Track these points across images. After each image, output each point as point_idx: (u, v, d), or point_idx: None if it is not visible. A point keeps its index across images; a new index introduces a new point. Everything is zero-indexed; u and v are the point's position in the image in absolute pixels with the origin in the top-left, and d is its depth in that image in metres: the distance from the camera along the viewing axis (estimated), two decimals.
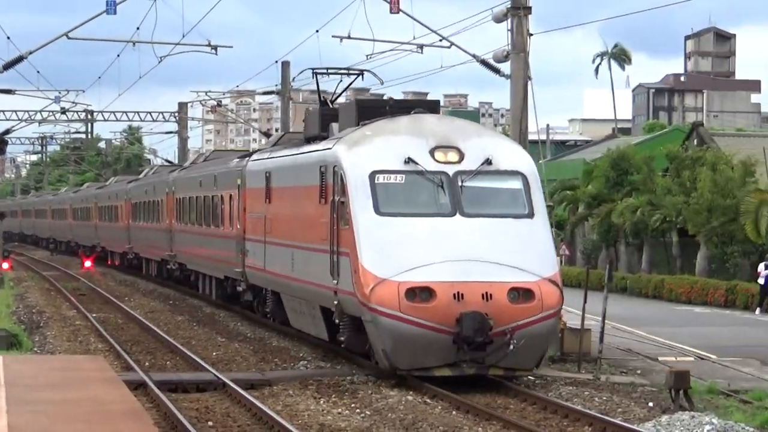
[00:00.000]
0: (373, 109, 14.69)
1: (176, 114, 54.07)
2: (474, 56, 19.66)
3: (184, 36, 29.76)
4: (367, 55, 27.31)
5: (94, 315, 26.36)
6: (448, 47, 21.89)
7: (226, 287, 25.57)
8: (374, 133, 13.19)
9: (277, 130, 46.70)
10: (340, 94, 19.26)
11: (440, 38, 21.80)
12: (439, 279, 11.41)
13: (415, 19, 21.50)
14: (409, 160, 12.25)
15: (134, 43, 29.11)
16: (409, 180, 12.45)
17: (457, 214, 12.05)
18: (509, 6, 17.62)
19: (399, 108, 14.38)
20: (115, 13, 23.71)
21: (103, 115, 55.56)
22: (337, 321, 13.29)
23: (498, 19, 17.30)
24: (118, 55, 35.05)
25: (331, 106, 18.24)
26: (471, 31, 23.95)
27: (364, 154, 12.64)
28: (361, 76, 19.05)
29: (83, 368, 13.86)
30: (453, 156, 12.54)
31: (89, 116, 57.37)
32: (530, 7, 17.85)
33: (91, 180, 72.80)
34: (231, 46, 34.45)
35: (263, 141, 54.65)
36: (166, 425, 11.13)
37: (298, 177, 16.09)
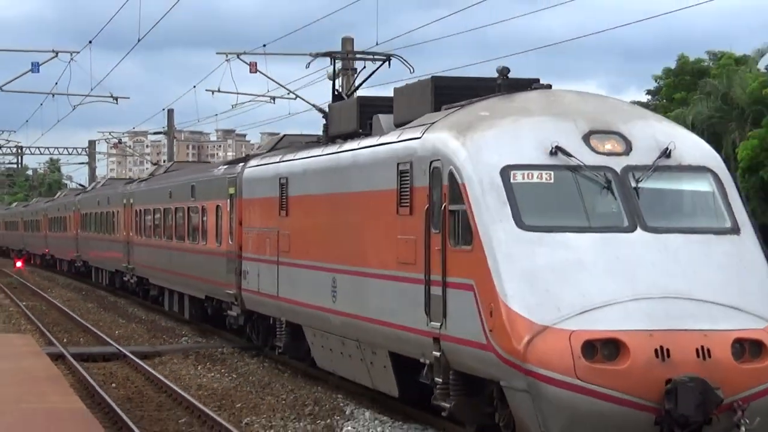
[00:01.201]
0: (462, 90, 10.65)
1: (87, 149, 71.48)
2: (314, 106, 23.28)
3: (92, 89, 39.09)
4: (232, 105, 37.43)
5: (24, 303, 33.04)
6: (294, 99, 29.59)
7: (208, 308, 21.90)
8: (495, 114, 9.18)
9: (164, 161, 56.71)
10: (360, 84, 17.55)
11: (288, 92, 29.21)
12: (630, 326, 7.38)
13: (268, 77, 28.57)
14: (556, 150, 8.34)
15: (53, 95, 40.36)
16: (560, 178, 8.45)
17: (638, 229, 8.15)
18: (340, 68, 23.36)
19: (507, 88, 10.09)
20: (38, 71, 31.02)
21: (30, 150, 73.77)
22: (438, 379, 9.17)
23: (331, 77, 21.50)
24: (41, 104, 46.43)
25: (346, 98, 15.77)
26: (313, 85, 35.09)
27: (488, 143, 8.62)
28: (387, 62, 17.16)
29: (14, 344, 18.33)
30: (617, 145, 8.67)
31: (19, 150, 73.75)
32: (356, 69, 23.01)
33: (20, 200, 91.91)
34: (128, 97, 44.49)
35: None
36: (80, 387, 14.82)
37: (346, 181, 12.30)
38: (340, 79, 23.24)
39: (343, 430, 11.90)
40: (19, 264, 56.96)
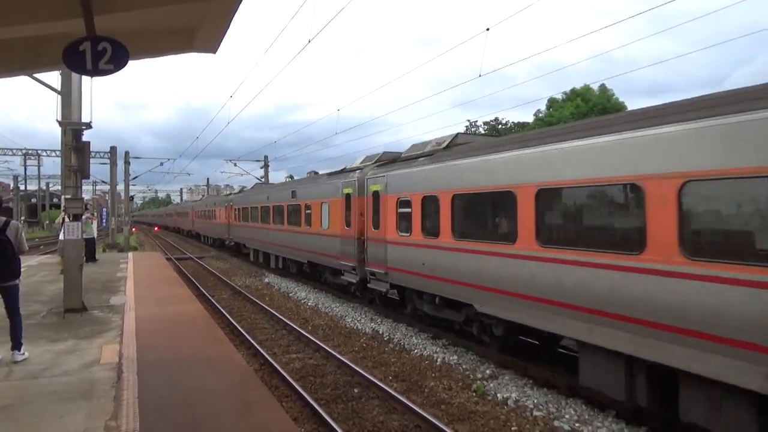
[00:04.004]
0: None
1: (180, 191, 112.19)
2: (255, 177, 46.90)
3: (180, 172, 65.09)
4: (228, 177, 60.34)
5: (157, 241, 55.67)
6: (247, 174, 49.13)
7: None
8: None
9: (205, 195, 77.02)
10: None
11: (245, 173, 49.20)
12: None
13: (240, 167, 49.41)
14: None
15: (167, 173, 60.21)
16: None
17: None
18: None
19: None
20: (162, 165, 60.39)
21: (158, 190, 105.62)
22: None
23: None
24: (164, 176, 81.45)
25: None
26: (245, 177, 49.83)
27: None
28: None
29: (155, 255, 29.82)
30: None
31: (156, 191, 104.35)
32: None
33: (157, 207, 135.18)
34: (192, 174, 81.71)
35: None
36: (176, 268, 25.61)
37: None
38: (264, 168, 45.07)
39: (266, 278, 23.60)
40: (155, 229, 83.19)
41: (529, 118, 49.25)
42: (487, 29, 14.05)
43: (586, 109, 42.75)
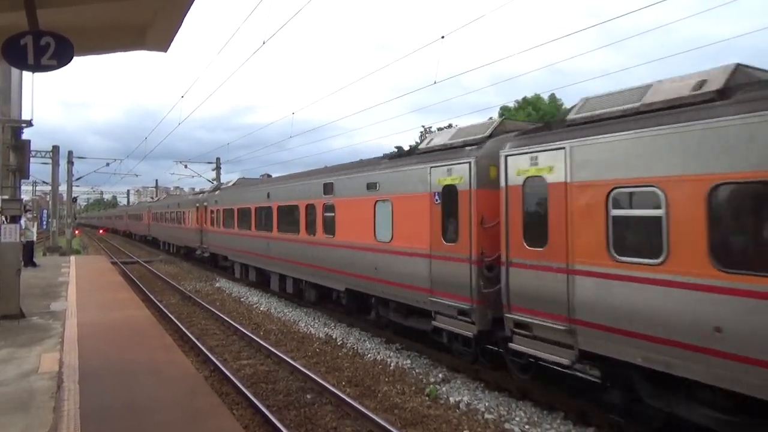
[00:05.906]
0: None
1: (127, 192, 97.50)
2: (207, 179, 44.06)
3: (128, 173, 59.75)
4: (177, 179, 59.06)
5: (102, 244, 54.38)
6: (199, 176, 46.62)
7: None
8: None
9: (157, 197, 71.27)
10: None
11: (196, 174, 46.85)
12: None
13: (191, 169, 46.94)
14: None
15: (114, 174, 58.53)
16: None
17: None
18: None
19: None
20: (108, 166, 56.22)
21: (105, 192, 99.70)
22: None
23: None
24: (110, 177, 68.02)
25: None
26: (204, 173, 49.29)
27: None
28: None
29: (100, 259, 30.68)
30: None
31: (101, 192, 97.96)
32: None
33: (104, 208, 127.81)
34: (140, 175, 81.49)
35: None
36: (122, 272, 25.01)
37: None
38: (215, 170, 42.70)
39: (217, 283, 23.79)
40: (101, 231, 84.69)
41: None
42: (442, 37, 14.24)
43: (537, 118, 43.94)
